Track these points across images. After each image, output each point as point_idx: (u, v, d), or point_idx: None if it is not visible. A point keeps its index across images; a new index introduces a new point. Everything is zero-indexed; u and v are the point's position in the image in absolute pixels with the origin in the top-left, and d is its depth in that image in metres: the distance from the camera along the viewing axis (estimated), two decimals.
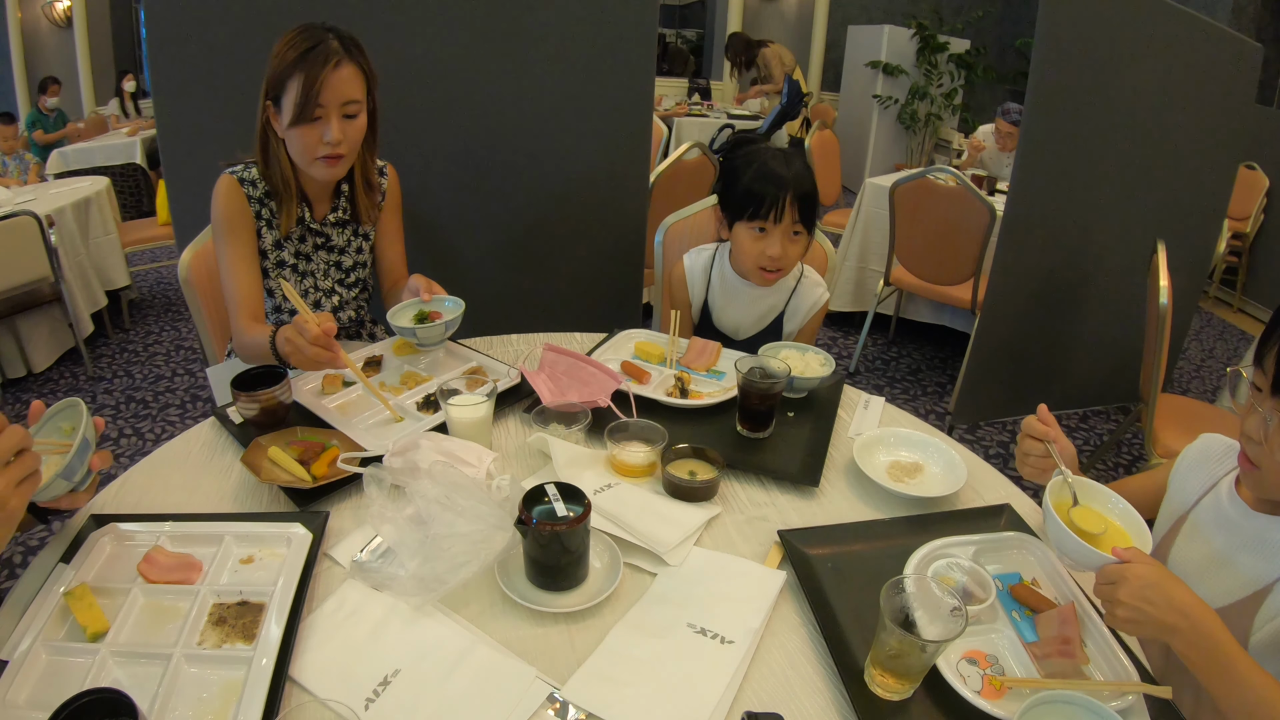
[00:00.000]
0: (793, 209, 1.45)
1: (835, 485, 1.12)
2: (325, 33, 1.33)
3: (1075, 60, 2.21)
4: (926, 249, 3.15)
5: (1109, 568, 0.79)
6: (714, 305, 1.67)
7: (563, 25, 2.00)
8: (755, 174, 1.47)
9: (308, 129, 1.33)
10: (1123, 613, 0.77)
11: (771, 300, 1.63)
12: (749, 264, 1.53)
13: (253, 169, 1.43)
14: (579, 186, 2.17)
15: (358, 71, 1.35)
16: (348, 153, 1.39)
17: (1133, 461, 2.90)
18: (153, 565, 0.86)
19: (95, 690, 0.61)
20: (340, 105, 1.33)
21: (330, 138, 1.33)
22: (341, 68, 1.31)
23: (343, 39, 1.34)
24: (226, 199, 1.41)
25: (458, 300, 1.41)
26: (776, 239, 1.47)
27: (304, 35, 1.32)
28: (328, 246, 1.53)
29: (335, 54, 1.31)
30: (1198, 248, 2.80)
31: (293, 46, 1.31)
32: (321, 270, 1.54)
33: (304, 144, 1.34)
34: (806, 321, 1.62)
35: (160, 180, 3.70)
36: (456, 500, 0.86)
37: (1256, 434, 0.87)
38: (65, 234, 3.18)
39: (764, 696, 0.77)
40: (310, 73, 1.29)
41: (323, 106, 1.31)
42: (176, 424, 2.83)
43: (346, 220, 1.54)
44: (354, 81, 1.34)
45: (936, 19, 7.34)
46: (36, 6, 6.96)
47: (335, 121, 1.33)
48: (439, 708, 0.73)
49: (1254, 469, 0.89)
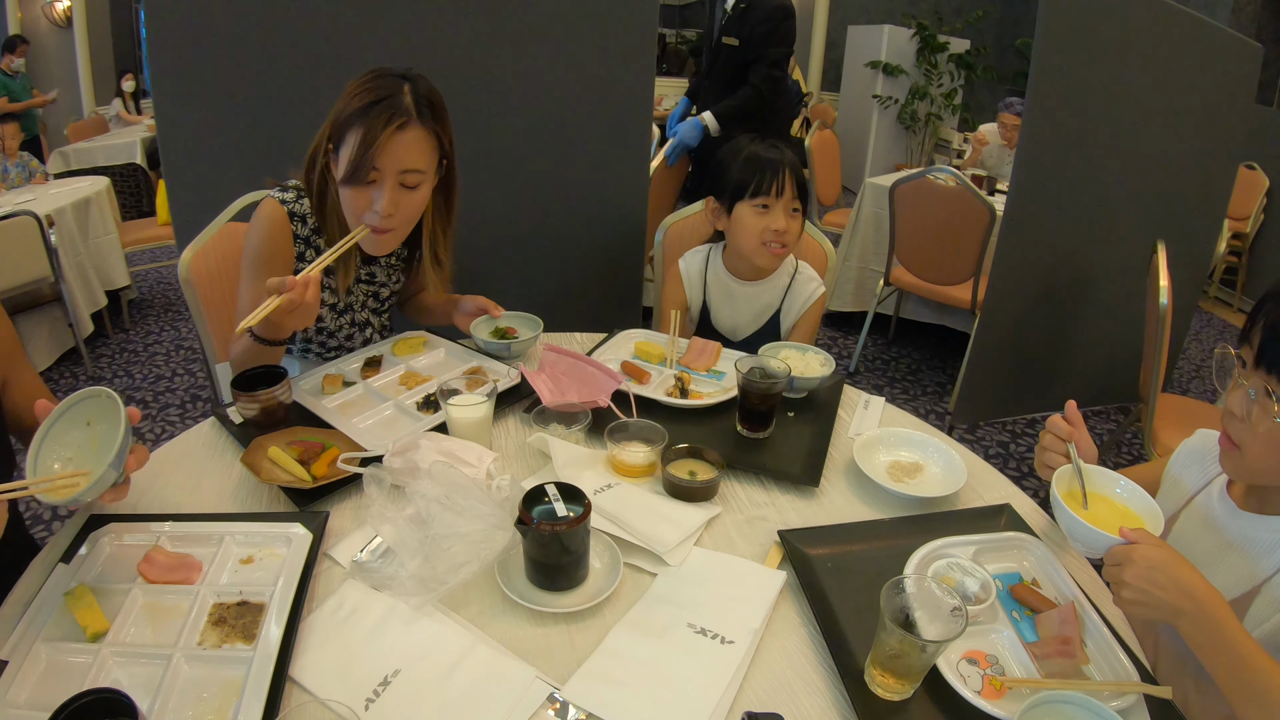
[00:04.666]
0: (791, 184, 1.52)
1: (835, 485, 1.12)
2: (400, 84, 1.18)
3: (1075, 60, 2.21)
4: (926, 249, 3.15)
5: (1116, 549, 0.79)
6: (711, 306, 1.68)
7: (562, 25, 2.00)
8: (749, 157, 1.54)
9: (359, 192, 1.20)
10: (1129, 594, 0.77)
11: (766, 298, 1.64)
12: (754, 243, 1.54)
13: (304, 201, 1.30)
14: (579, 186, 2.17)
15: (427, 136, 1.20)
16: (398, 226, 1.25)
17: (1132, 461, 2.90)
18: (153, 565, 0.86)
19: (95, 690, 0.62)
20: (398, 173, 1.19)
21: (380, 207, 1.19)
22: (406, 131, 1.17)
23: (419, 96, 1.18)
24: (271, 232, 1.27)
25: (535, 318, 1.46)
26: (779, 213, 1.52)
27: (376, 82, 1.17)
28: (370, 281, 1.45)
29: (403, 114, 1.16)
30: (1198, 248, 2.80)
31: (362, 93, 1.16)
32: (360, 303, 1.45)
33: (353, 206, 1.23)
34: (802, 316, 1.63)
35: (160, 180, 3.69)
36: (456, 500, 0.86)
37: (1239, 410, 0.86)
38: (65, 234, 3.18)
39: (764, 696, 0.77)
40: (370, 131, 1.14)
41: (378, 170, 1.18)
42: (176, 424, 2.83)
43: (396, 264, 1.46)
44: (418, 148, 1.19)
45: (936, 19, 7.34)
46: (36, 6, 6.95)
47: (389, 190, 1.19)
48: (439, 708, 0.73)
49: (1234, 448, 0.88)
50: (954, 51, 7.14)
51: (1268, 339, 0.82)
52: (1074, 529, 0.84)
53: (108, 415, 0.86)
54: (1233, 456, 0.89)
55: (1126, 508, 0.90)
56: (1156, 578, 0.76)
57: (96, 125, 6.12)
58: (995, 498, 1.10)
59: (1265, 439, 0.84)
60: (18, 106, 5.41)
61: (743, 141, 1.58)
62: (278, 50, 1.86)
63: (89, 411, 0.87)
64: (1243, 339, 0.87)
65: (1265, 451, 0.85)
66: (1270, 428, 0.83)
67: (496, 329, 1.45)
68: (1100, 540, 0.81)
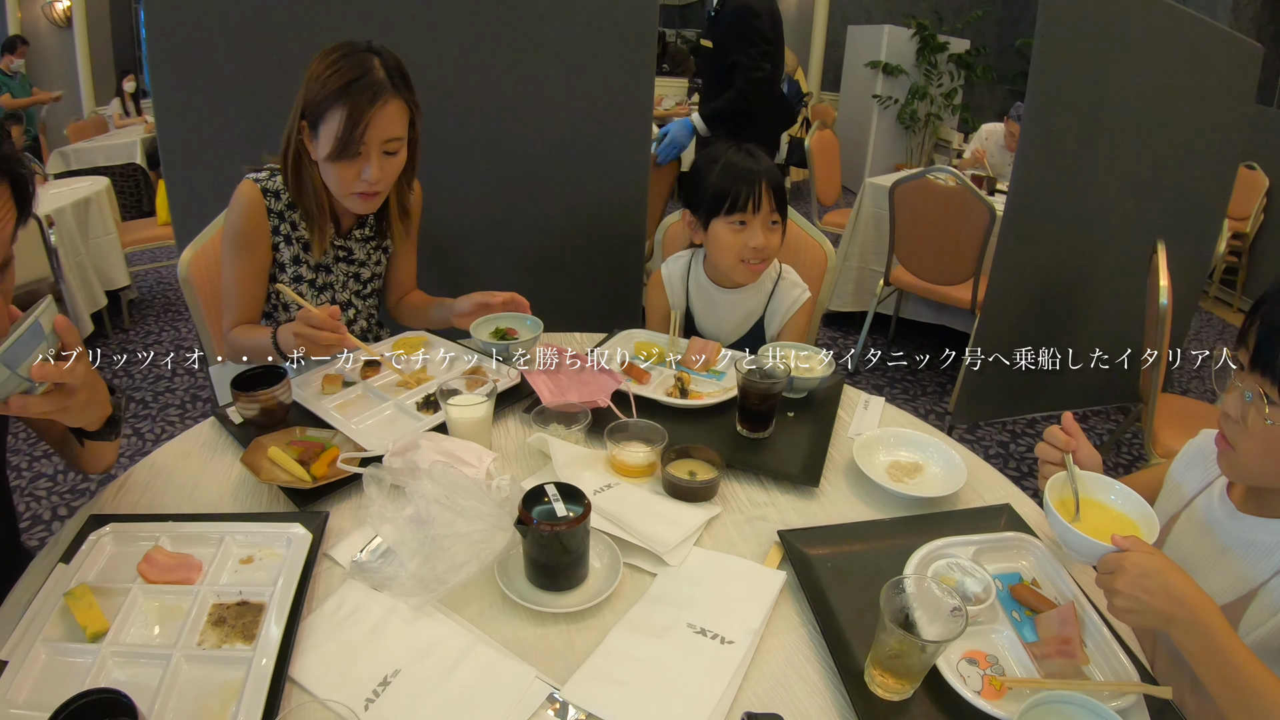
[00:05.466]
0: (769, 197, 1.46)
1: (835, 485, 1.12)
2: (370, 58, 1.23)
3: (1075, 60, 2.21)
4: (926, 249, 3.15)
5: (1108, 557, 0.79)
6: (695, 312, 1.66)
7: (563, 25, 2.00)
8: (724, 170, 1.48)
9: (346, 165, 1.26)
10: (1121, 602, 0.77)
11: (749, 305, 1.61)
12: (730, 259, 1.51)
13: (278, 178, 1.36)
14: (578, 186, 2.17)
15: (403, 106, 1.27)
16: (384, 189, 1.34)
17: (1132, 461, 2.90)
18: (152, 565, 0.86)
19: (95, 690, 0.62)
20: (382, 143, 1.26)
21: (369, 176, 1.27)
22: (388, 105, 1.23)
23: (389, 68, 1.25)
24: (247, 210, 1.33)
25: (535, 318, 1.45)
26: (757, 229, 1.47)
27: (347, 61, 1.22)
28: (349, 259, 1.50)
29: (382, 90, 1.22)
30: (1198, 248, 2.80)
31: (335, 72, 1.21)
32: (340, 283, 1.50)
33: (340, 179, 1.28)
34: (788, 323, 1.59)
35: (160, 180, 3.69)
36: (456, 500, 0.86)
37: (1235, 411, 0.86)
38: (65, 234, 3.18)
39: (764, 696, 0.77)
40: (355, 109, 1.20)
41: (365, 144, 1.24)
42: (176, 424, 2.83)
43: (371, 235, 1.51)
44: (398, 118, 1.27)
45: (936, 19, 7.33)
46: (36, 6, 6.95)
47: (375, 160, 1.26)
48: (439, 708, 0.73)
49: (1230, 449, 0.88)
50: (954, 51, 7.14)
51: (1263, 342, 0.83)
52: (1066, 537, 0.84)
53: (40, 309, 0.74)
54: (1229, 457, 0.89)
55: (1122, 514, 0.90)
56: (1148, 585, 0.76)
57: (96, 125, 6.12)
58: (995, 498, 1.10)
59: (1260, 441, 0.84)
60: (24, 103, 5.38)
61: (719, 149, 1.52)
62: (278, 50, 1.86)
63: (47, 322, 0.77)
64: (1239, 341, 0.87)
65: (1260, 453, 0.85)
66: (1264, 430, 0.83)
67: (496, 329, 1.45)
68: (1092, 548, 0.81)
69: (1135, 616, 0.78)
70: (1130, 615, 0.78)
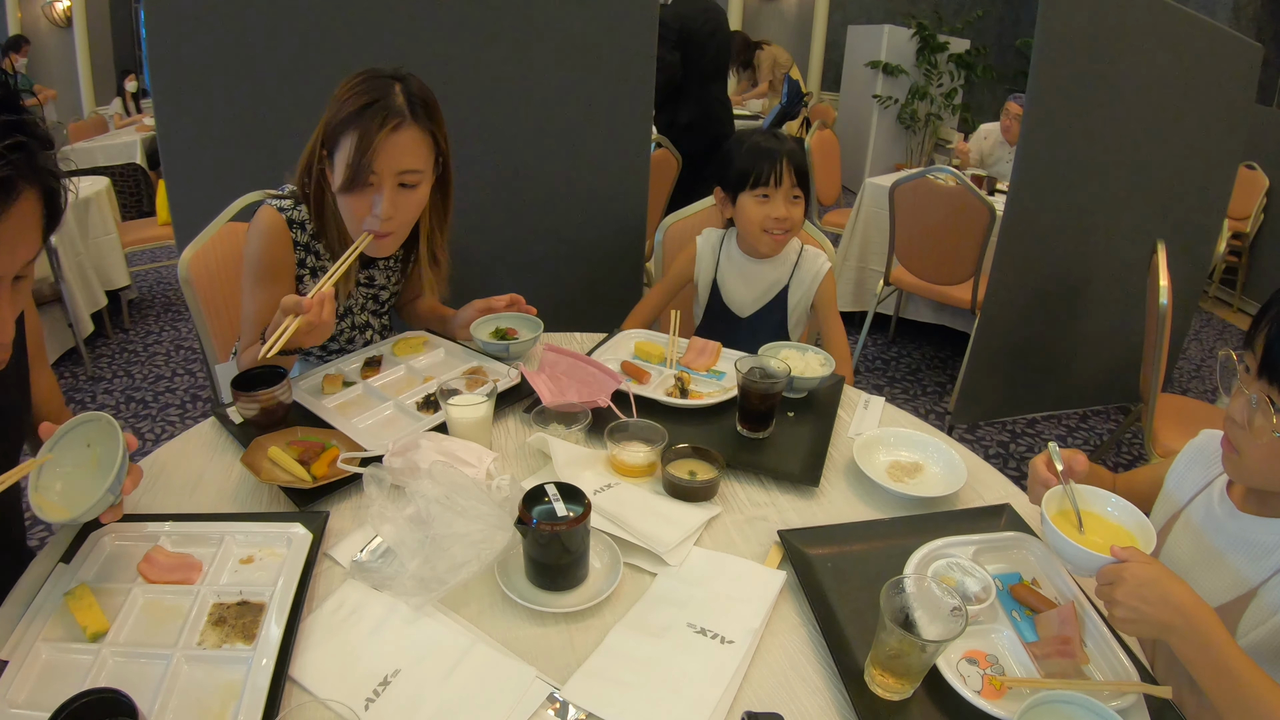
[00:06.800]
0: (790, 172, 1.58)
1: (835, 485, 1.12)
2: (391, 84, 1.16)
3: (1075, 60, 2.21)
4: (926, 249, 3.15)
5: (1107, 568, 0.79)
6: (721, 282, 1.73)
7: (563, 26, 2.00)
8: (750, 149, 1.61)
9: (358, 197, 1.18)
10: (1120, 613, 0.77)
11: (774, 276, 1.70)
12: (755, 229, 1.61)
13: (301, 208, 1.28)
14: (579, 187, 2.17)
15: (422, 135, 1.19)
16: (398, 229, 1.25)
17: (1132, 461, 2.90)
18: (153, 565, 0.86)
19: (95, 690, 0.62)
20: (396, 174, 1.18)
21: (379, 210, 1.18)
22: (401, 131, 1.15)
23: (411, 96, 1.17)
24: (270, 242, 1.26)
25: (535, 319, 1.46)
26: (779, 201, 1.58)
27: (367, 85, 1.16)
28: (370, 285, 1.44)
29: (397, 115, 1.14)
30: (1198, 248, 2.80)
31: (354, 96, 1.15)
32: (359, 305, 1.45)
33: (353, 211, 1.21)
34: (816, 289, 1.68)
35: (160, 180, 3.69)
36: (456, 500, 0.86)
37: (1240, 416, 0.86)
38: (65, 234, 3.18)
39: (764, 696, 0.77)
40: (365, 134, 1.13)
41: (375, 174, 1.16)
42: (176, 424, 2.83)
43: (395, 265, 1.46)
44: (415, 148, 1.18)
45: (936, 19, 7.33)
46: (36, 6, 6.96)
47: (388, 192, 1.18)
48: (439, 708, 0.73)
49: (1234, 453, 0.89)
50: (954, 51, 7.14)
51: (1271, 349, 0.83)
52: (1065, 550, 0.84)
53: (106, 438, 0.87)
54: (1233, 460, 0.89)
55: (1119, 525, 0.89)
56: (1147, 594, 0.76)
57: (96, 125, 6.12)
58: (995, 498, 1.10)
59: (1265, 447, 0.84)
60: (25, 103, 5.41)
61: (743, 135, 1.67)
62: (278, 50, 1.86)
63: (89, 434, 0.88)
64: (1245, 345, 0.87)
65: (1264, 458, 0.86)
66: (1270, 438, 0.83)
67: (496, 329, 1.45)
68: (1091, 560, 0.81)
69: (1135, 626, 0.78)
70: (1130, 625, 0.78)
